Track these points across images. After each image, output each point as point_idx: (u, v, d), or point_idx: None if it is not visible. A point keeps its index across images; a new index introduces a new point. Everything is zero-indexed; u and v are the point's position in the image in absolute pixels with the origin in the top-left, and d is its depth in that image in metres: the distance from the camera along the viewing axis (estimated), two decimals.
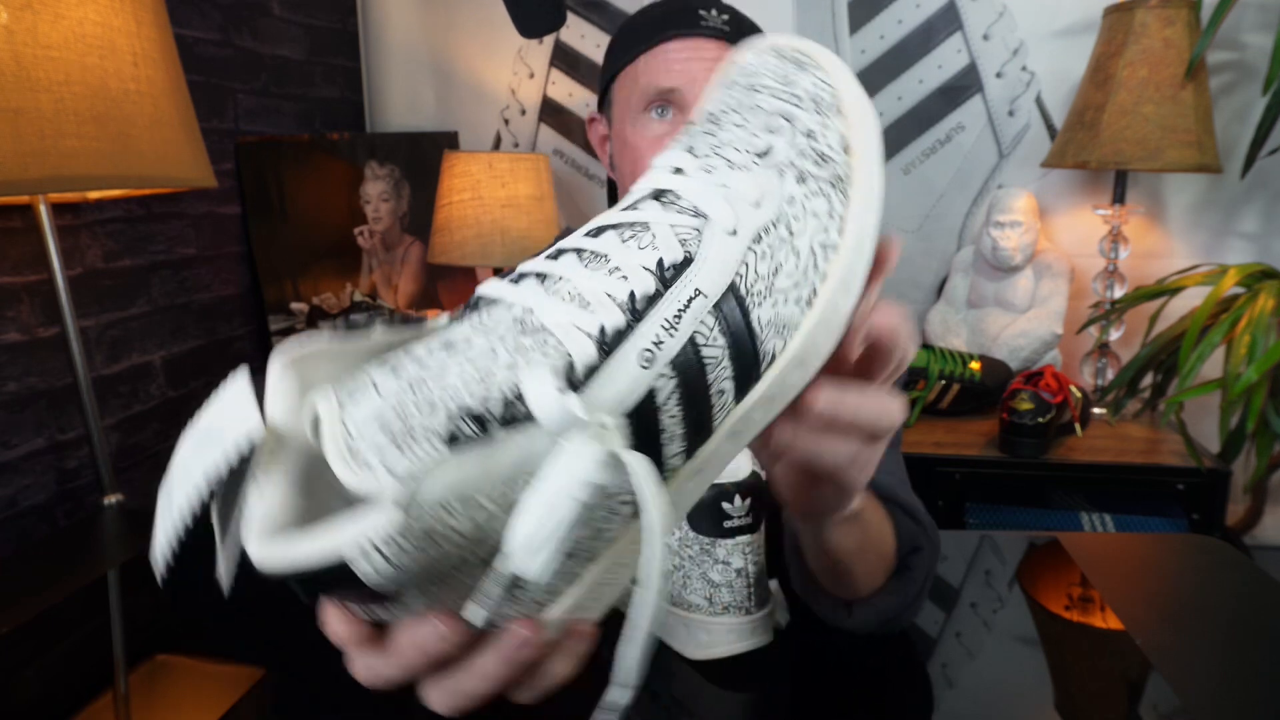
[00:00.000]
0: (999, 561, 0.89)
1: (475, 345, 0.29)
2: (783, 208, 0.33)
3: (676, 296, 0.31)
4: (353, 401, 0.29)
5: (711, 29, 0.75)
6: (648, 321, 0.30)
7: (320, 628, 0.33)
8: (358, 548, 0.26)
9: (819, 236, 0.34)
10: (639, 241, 0.32)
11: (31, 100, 0.91)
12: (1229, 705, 0.62)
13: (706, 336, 0.31)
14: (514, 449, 0.27)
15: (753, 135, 0.35)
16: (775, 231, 0.33)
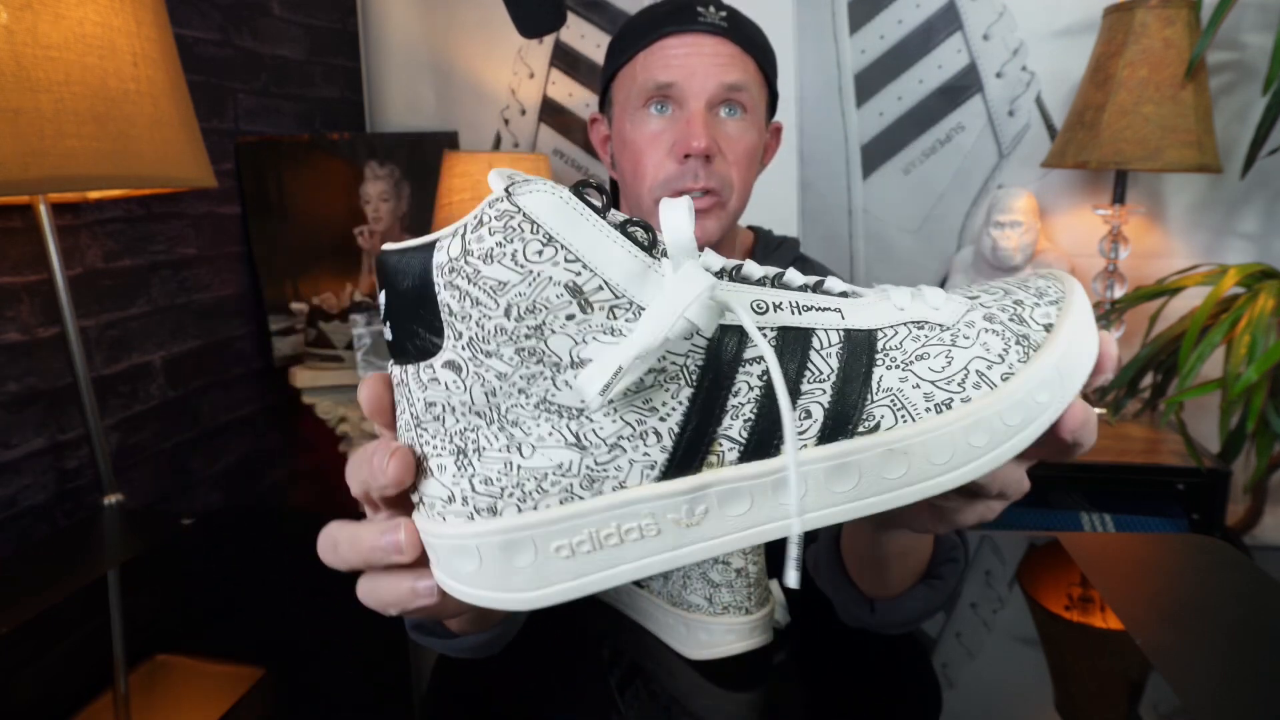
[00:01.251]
0: (999, 561, 0.89)
1: None
2: (958, 324, 0.37)
3: (819, 302, 0.36)
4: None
5: (709, 25, 0.75)
6: (784, 291, 0.35)
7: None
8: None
9: (979, 364, 0.36)
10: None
11: (31, 100, 0.91)
12: (1229, 705, 0.62)
13: (823, 343, 0.35)
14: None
15: (972, 289, 0.40)
16: (939, 331, 0.36)
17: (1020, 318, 0.37)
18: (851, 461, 0.34)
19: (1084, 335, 0.37)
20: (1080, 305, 0.38)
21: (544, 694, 0.65)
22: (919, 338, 0.36)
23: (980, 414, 0.35)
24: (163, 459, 1.45)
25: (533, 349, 0.31)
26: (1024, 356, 0.36)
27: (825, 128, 1.94)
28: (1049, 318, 0.37)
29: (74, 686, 0.69)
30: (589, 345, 0.31)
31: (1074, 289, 0.39)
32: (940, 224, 1.94)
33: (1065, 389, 0.36)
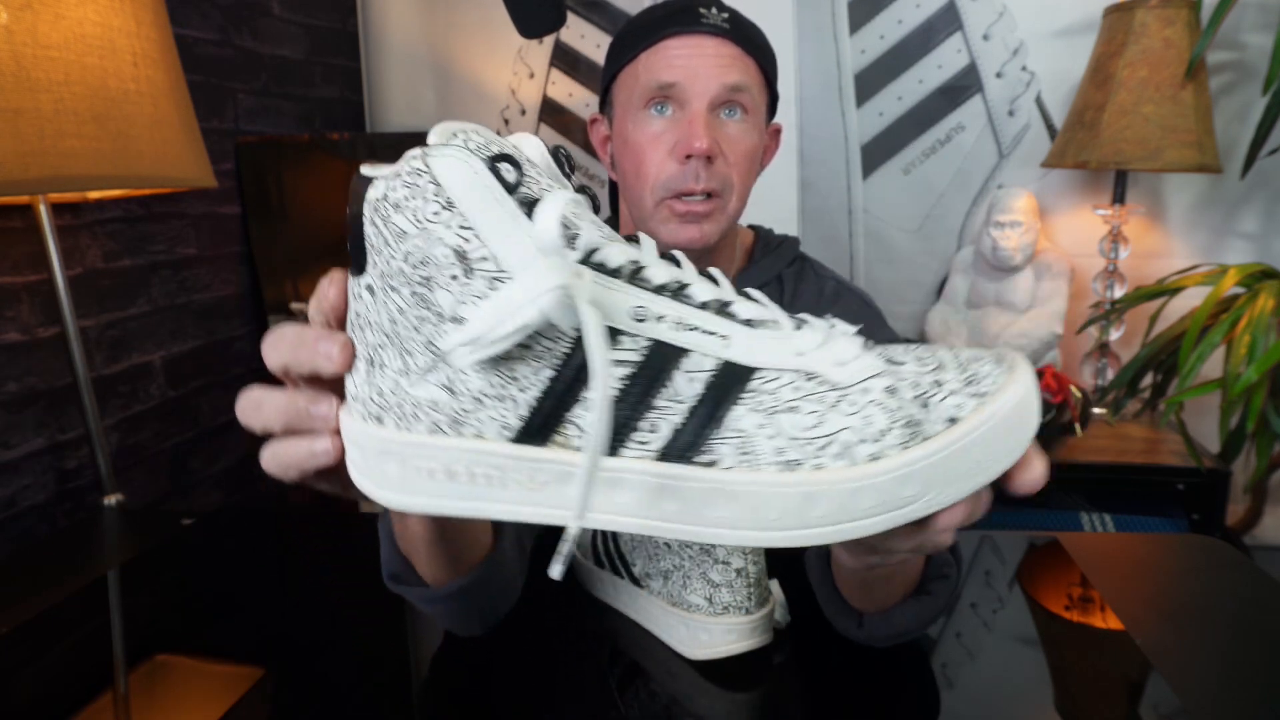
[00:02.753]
0: (999, 561, 0.89)
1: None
2: (853, 386, 0.34)
3: (709, 324, 0.35)
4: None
5: (711, 26, 0.75)
6: (677, 304, 0.35)
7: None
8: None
9: (849, 436, 0.33)
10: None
11: (31, 100, 0.91)
12: (1229, 705, 0.62)
13: (694, 366, 0.34)
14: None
15: (911, 350, 0.37)
16: (826, 389, 0.34)
17: (927, 401, 0.34)
18: (678, 486, 0.34)
19: (996, 442, 0.33)
20: (1008, 407, 0.33)
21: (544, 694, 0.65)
22: (800, 389, 0.34)
23: (826, 486, 0.33)
24: (163, 459, 1.45)
25: (423, 296, 0.35)
26: (904, 443, 0.33)
27: (825, 128, 1.94)
28: (959, 411, 0.33)
29: (74, 686, 0.69)
30: (466, 306, 0.34)
31: (1013, 386, 0.34)
32: (940, 224, 1.94)
33: (944, 492, 0.33)
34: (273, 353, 0.39)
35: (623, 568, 0.70)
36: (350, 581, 0.88)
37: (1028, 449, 0.34)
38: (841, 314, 0.84)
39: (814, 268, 0.86)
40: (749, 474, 0.34)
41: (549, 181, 0.36)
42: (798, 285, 0.84)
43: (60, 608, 0.83)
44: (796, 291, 0.83)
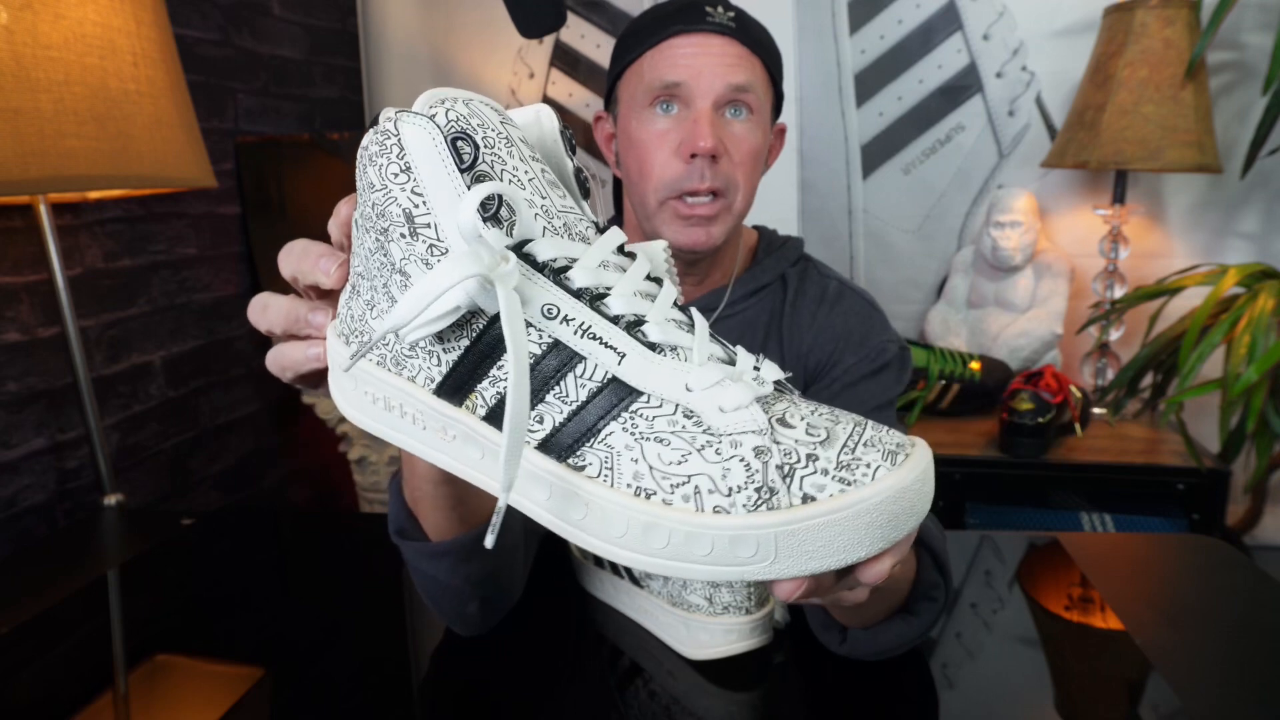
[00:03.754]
0: (999, 561, 0.89)
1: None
2: (725, 436, 0.34)
3: (610, 338, 0.36)
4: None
5: (717, 25, 0.75)
6: (587, 311, 0.36)
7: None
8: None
9: (704, 482, 0.34)
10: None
11: (31, 100, 0.91)
12: (1229, 705, 0.62)
13: (584, 373, 0.36)
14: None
15: (819, 411, 0.36)
16: (701, 431, 0.34)
17: (791, 472, 0.33)
18: (547, 480, 0.36)
19: (850, 533, 0.33)
20: (869, 504, 0.32)
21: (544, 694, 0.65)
22: (676, 424, 0.35)
23: (667, 522, 0.34)
24: (163, 459, 1.45)
25: (382, 245, 0.38)
26: (751, 506, 0.33)
27: (825, 128, 1.94)
28: (818, 491, 0.33)
29: (74, 686, 0.69)
30: (409, 264, 0.37)
31: (885, 484, 0.33)
32: (940, 224, 1.94)
33: (784, 563, 0.33)
34: (285, 261, 0.44)
35: (623, 568, 0.70)
36: (350, 581, 0.88)
37: (887, 547, 0.33)
38: (845, 314, 0.84)
39: (817, 268, 0.86)
40: (605, 489, 0.35)
41: (521, 165, 0.38)
42: (801, 285, 0.84)
43: (60, 608, 0.83)
44: (800, 291, 0.83)
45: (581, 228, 0.39)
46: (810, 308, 0.82)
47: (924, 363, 1.69)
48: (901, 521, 0.33)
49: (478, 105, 0.38)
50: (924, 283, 1.98)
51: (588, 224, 0.40)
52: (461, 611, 0.67)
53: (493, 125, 0.38)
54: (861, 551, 0.33)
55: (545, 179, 0.39)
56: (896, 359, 0.80)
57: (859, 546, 0.33)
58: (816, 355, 0.80)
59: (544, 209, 0.38)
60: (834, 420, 0.35)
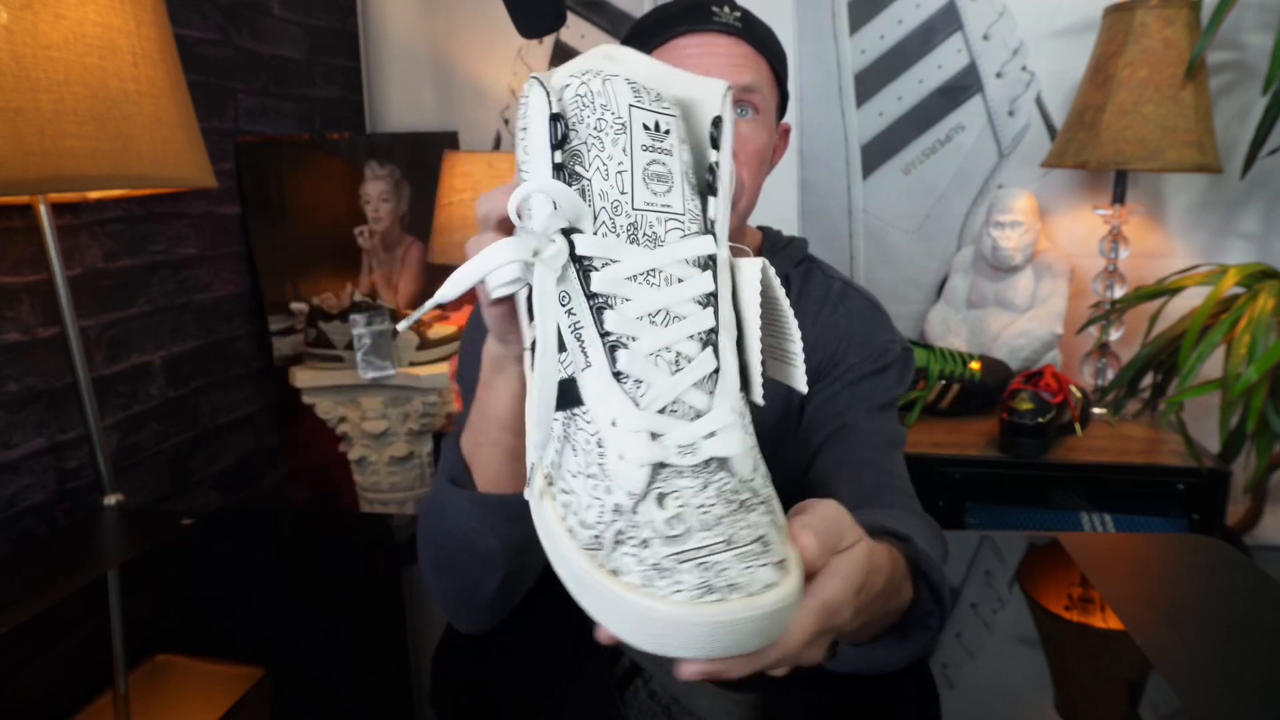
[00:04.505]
0: (999, 561, 0.89)
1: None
2: (605, 479, 0.37)
3: (590, 341, 0.38)
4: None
5: (723, 25, 0.75)
6: (585, 307, 0.38)
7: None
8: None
9: (574, 501, 0.38)
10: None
11: (31, 100, 0.91)
12: (1229, 705, 0.62)
13: (564, 366, 0.39)
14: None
15: (715, 499, 0.37)
16: (594, 460, 0.37)
17: (622, 543, 0.35)
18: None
19: (620, 618, 0.34)
20: (653, 618, 0.33)
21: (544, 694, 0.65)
22: (589, 445, 0.38)
23: (542, 512, 0.39)
24: (163, 459, 1.45)
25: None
26: (585, 543, 0.36)
27: (825, 128, 1.94)
28: (625, 572, 0.35)
29: (74, 686, 0.69)
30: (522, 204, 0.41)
31: (682, 613, 0.33)
32: (940, 224, 1.94)
33: (581, 600, 0.36)
34: (482, 205, 0.47)
35: None
36: (350, 581, 0.88)
37: (660, 655, 0.34)
38: (849, 314, 0.83)
39: (821, 268, 0.86)
40: (553, 453, 0.39)
41: (617, 153, 0.39)
42: (804, 285, 0.84)
43: (60, 608, 0.83)
44: (803, 291, 0.83)
45: (660, 228, 0.40)
46: (814, 308, 0.82)
47: (924, 363, 1.69)
48: (673, 648, 0.34)
49: (615, 84, 0.40)
50: (924, 283, 1.98)
51: (676, 225, 0.40)
52: (481, 588, 0.65)
53: (612, 107, 0.40)
54: (635, 641, 0.34)
55: (648, 171, 0.40)
56: (900, 359, 0.80)
57: (629, 635, 0.35)
58: (820, 355, 0.80)
59: (614, 204, 0.39)
60: (711, 527, 0.35)
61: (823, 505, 0.44)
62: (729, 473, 0.37)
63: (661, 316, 0.38)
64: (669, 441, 0.36)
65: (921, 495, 0.73)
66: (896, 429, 0.78)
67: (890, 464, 0.73)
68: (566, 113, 0.39)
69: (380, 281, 1.93)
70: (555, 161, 0.39)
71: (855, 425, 0.75)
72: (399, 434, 1.72)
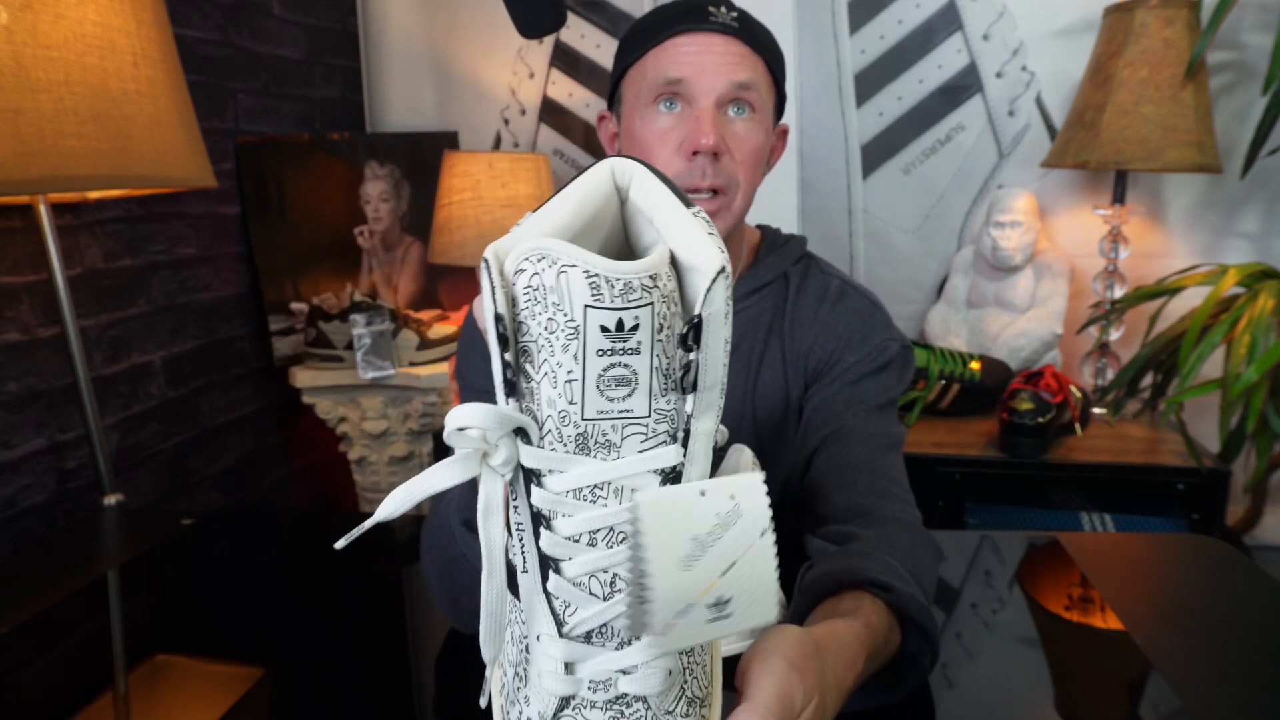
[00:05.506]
0: (999, 561, 0.89)
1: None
2: (524, 691, 0.39)
3: (529, 561, 0.38)
4: None
5: (720, 24, 0.75)
6: (528, 518, 0.38)
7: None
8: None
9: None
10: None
11: (31, 100, 0.91)
12: (1229, 705, 0.62)
13: (513, 555, 0.39)
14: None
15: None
16: (514, 678, 0.40)
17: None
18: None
19: None
20: None
21: None
22: (520, 643, 0.39)
23: (486, 688, 0.42)
24: (163, 459, 1.45)
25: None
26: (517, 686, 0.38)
27: (825, 128, 1.94)
28: None
29: (74, 686, 0.69)
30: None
31: None
32: (940, 224, 1.94)
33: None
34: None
35: None
36: (350, 581, 0.88)
37: None
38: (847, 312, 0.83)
39: (820, 266, 0.86)
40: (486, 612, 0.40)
41: (565, 359, 0.35)
42: (803, 283, 0.84)
43: (60, 608, 0.83)
44: (801, 289, 0.83)
45: (615, 435, 0.36)
46: (812, 306, 0.82)
47: (924, 363, 1.69)
48: None
49: (572, 278, 0.34)
50: (924, 283, 1.98)
51: (637, 430, 0.36)
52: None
53: (565, 307, 0.35)
54: None
55: (603, 377, 0.35)
56: (899, 358, 0.80)
57: None
58: (818, 353, 0.80)
59: (561, 414, 0.36)
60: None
61: (763, 682, 0.41)
62: (645, 706, 0.36)
63: (604, 535, 0.36)
64: (583, 675, 0.36)
65: (921, 495, 0.73)
66: (895, 429, 0.78)
67: (887, 466, 0.73)
68: (518, 306, 0.35)
69: (380, 281, 1.93)
70: (504, 358, 0.35)
71: (852, 427, 0.75)
72: (399, 434, 1.72)
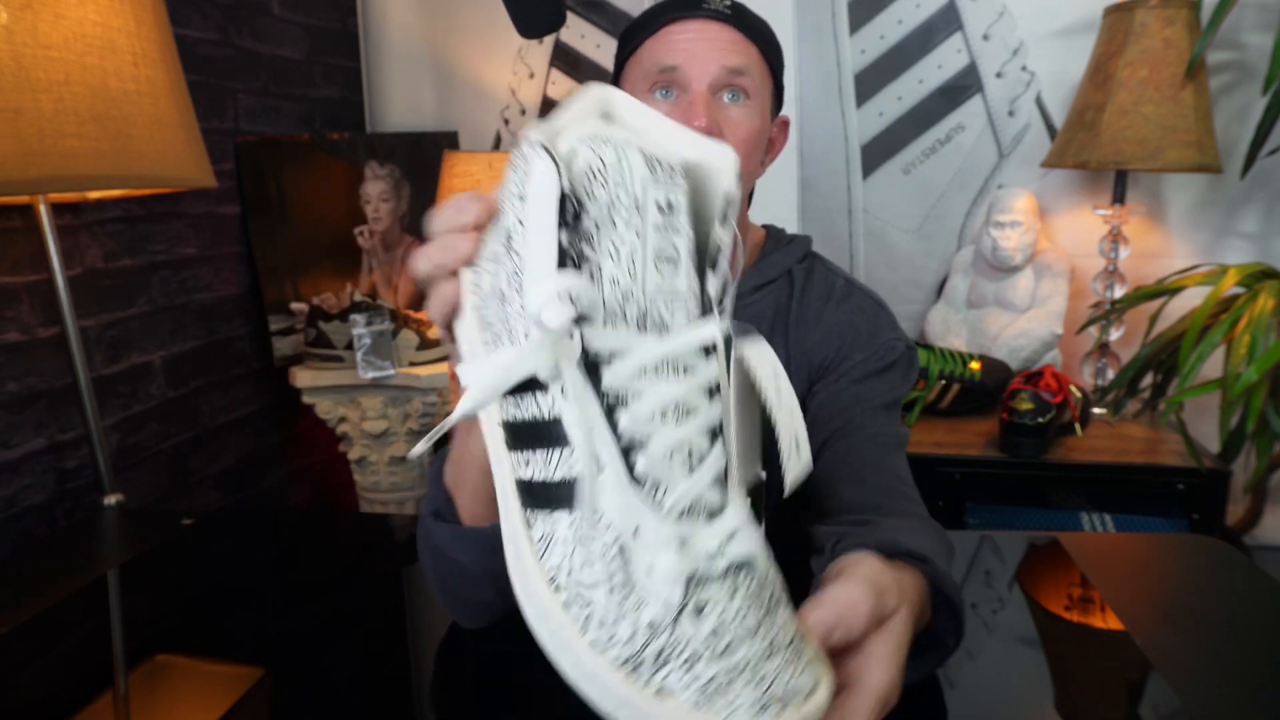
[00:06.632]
0: (999, 561, 0.89)
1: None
2: (632, 589, 0.35)
3: (601, 441, 0.36)
4: None
5: (713, 11, 0.76)
6: (595, 405, 0.36)
7: None
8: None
9: (595, 610, 0.35)
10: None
11: (31, 100, 0.91)
12: (1229, 705, 0.62)
13: (563, 458, 0.37)
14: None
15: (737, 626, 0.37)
16: (617, 568, 0.35)
17: (665, 663, 0.33)
18: (507, 509, 0.39)
19: None
20: None
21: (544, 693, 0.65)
22: (609, 552, 0.35)
23: (555, 621, 0.36)
24: (163, 459, 1.45)
25: (505, 239, 0.39)
26: (617, 663, 0.34)
27: (825, 128, 1.94)
28: (672, 695, 0.33)
29: (74, 686, 0.69)
30: (501, 276, 0.39)
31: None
32: (940, 224, 1.94)
33: (601, 711, 0.34)
34: (440, 217, 0.44)
35: None
36: (350, 581, 0.88)
37: None
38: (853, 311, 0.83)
39: (825, 265, 0.87)
40: (532, 561, 0.37)
41: (627, 235, 0.36)
42: (807, 281, 0.84)
43: (60, 608, 0.83)
44: (806, 287, 0.83)
45: (667, 313, 0.37)
46: (817, 304, 0.82)
47: (924, 362, 1.69)
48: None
49: (631, 157, 0.36)
50: (924, 283, 1.98)
51: (681, 308, 0.38)
52: (474, 599, 0.67)
53: (627, 184, 0.36)
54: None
55: (659, 254, 0.37)
56: (904, 358, 0.80)
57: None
58: (823, 351, 0.80)
59: (625, 291, 0.36)
60: (753, 634, 0.35)
61: (850, 582, 0.44)
62: (750, 571, 0.36)
63: (674, 411, 0.36)
64: (697, 549, 0.35)
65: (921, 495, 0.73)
66: (900, 429, 0.78)
67: (894, 464, 0.73)
68: (575, 188, 0.36)
69: (380, 281, 1.93)
70: (562, 243, 0.36)
71: (859, 424, 0.75)
72: (399, 434, 1.72)
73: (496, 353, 0.39)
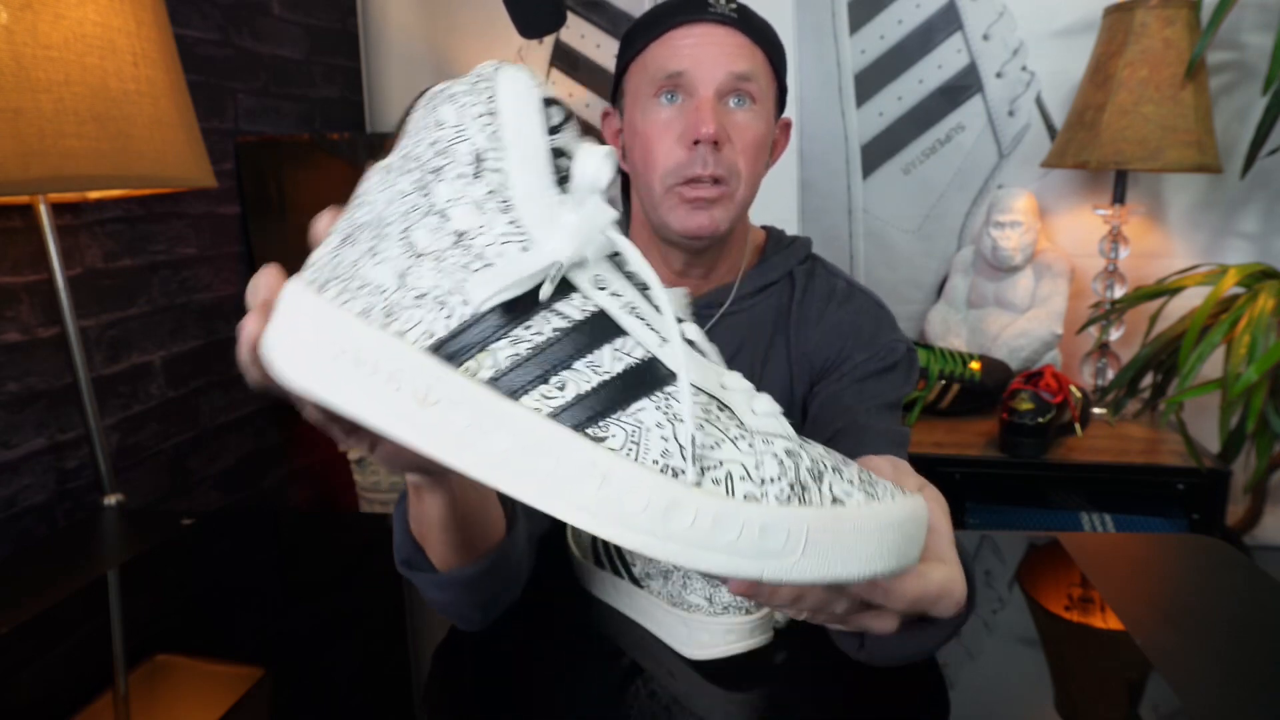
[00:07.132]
0: (999, 561, 0.89)
1: None
2: (758, 434, 0.35)
3: (654, 322, 0.36)
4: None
5: (719, 15, 0.75)
6: (632, 288, 0.36)
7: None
8: None
9: (737, 469, 0.33)
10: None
11: (31, 100, 0.91)
12: (1229, 705, 0.62)
13: (623, 349, 0.35)
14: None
15: (821, 447, 0.38)
16: (733, 424, 0.35)
17: (820, 474, 0.34)
18: (557, 450, 0.33)
19: (870, 543, 0.33)
20: (892, 517, 0.34)
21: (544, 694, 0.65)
22: (710, 413, 0.34)
23: (694, 502, 0.31)
24: (163, 459, 1.45)
25: (426, 186, 0.37)
26: (784, 499, 0.32)
27: (825, 128, 1.94)
28: (847, 496, 0.33)
29: (74, 686, 0.69)
30: (456, 206, 0.36)
31: (906, 505, 0.35)
32: (940, 224, 1.94)
33: (801, 563, 0.32)
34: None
35: (622, 568, 0.70)
36: (350, 581, 0.88)
37: (898, 569, 0.34)
38: (855, 312, 0.84)
39: (825, 267, 0.87)
40: (628, 463, 0.32)
41: (590, 148, 0.38)
42: (808, 283, 0.84)
43: (60, 608, 0.83)
44: (807, 289, 0.83)
45: None
46: (818, 305, 0.82)
47: (924, 363, 1.69)
48: (911, 548, 0.35)
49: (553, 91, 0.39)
50: (924, 283, 1.98)
51: None
52: (465, 617, 0.68)
53: (566, 109, 0.39)
54: (879, 565, 0.33)
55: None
56: (905, 359, 0.80)
57: (877, 560, 0.33)
58: (824, 352, 0.80)
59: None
60: (841, 461, 0.37)
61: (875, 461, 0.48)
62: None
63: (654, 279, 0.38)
64: (747, 384, 0.37)
65: None
66: (901, 429, 0.78)
67: None
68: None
69: None
70: (554, 146, 0.37)
71: (861, 424, 0.75)
72: None
73: (530, 254, 0.35)
